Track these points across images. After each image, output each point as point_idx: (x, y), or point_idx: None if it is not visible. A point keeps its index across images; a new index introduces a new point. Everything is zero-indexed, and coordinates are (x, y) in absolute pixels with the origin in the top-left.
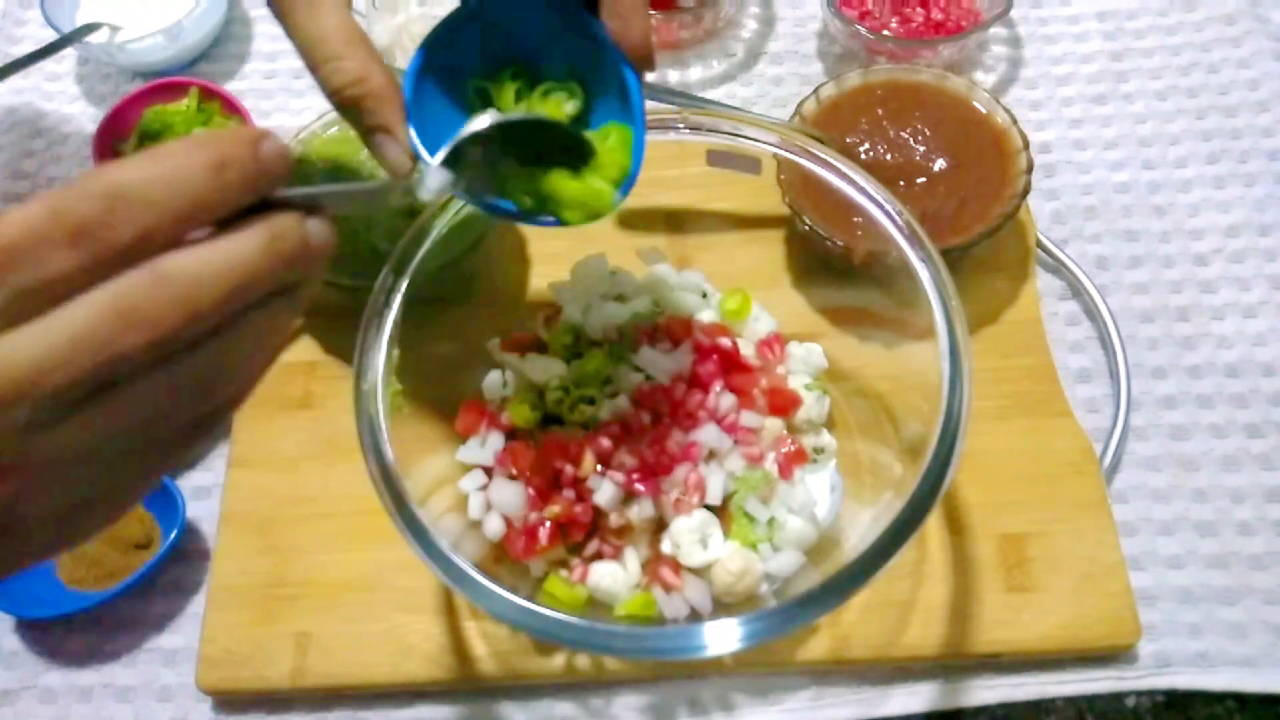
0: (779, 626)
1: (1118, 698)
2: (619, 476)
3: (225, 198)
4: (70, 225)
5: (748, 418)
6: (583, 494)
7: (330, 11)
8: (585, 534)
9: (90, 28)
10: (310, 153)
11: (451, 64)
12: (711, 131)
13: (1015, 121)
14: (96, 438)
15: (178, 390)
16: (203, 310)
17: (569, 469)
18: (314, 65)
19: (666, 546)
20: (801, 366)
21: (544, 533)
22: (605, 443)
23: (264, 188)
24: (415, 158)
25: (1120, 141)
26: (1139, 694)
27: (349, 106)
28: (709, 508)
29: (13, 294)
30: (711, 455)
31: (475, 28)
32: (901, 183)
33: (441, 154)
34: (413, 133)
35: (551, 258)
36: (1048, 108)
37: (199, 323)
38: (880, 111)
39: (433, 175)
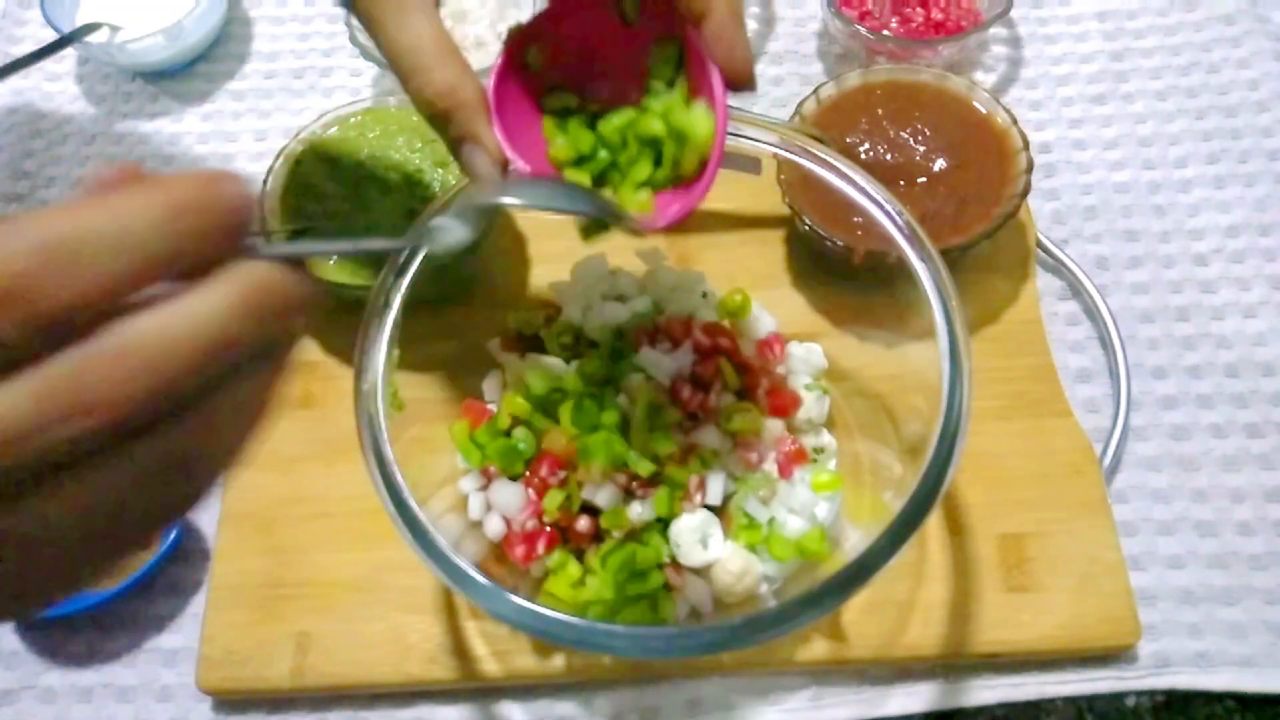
0: (779, 627)
1: (1118, 698)
2: (619, 477)
3: (180, 249)
4: None
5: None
6: None
7: (421, 21)
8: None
9: (90, 28)
10: (310, 153)
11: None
12: None
13: (1015, 121)
14: (46, 528)
15: (144, 474)
16: (168, 383)
17: None
18: (404, 75)
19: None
20: (801, 366)
21: (541, 544)
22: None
23: (225, 237)
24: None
25: (1120, 141)
26: (1139, 694)
27: (438, 118)
28: (709, 508)
29: None
30: (712, 455)
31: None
32: (901, 183)
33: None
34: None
35: (551, 258)
36: (1048, 108)
37: (165, 399)
38: (880, 111)
39: (448, 232)
